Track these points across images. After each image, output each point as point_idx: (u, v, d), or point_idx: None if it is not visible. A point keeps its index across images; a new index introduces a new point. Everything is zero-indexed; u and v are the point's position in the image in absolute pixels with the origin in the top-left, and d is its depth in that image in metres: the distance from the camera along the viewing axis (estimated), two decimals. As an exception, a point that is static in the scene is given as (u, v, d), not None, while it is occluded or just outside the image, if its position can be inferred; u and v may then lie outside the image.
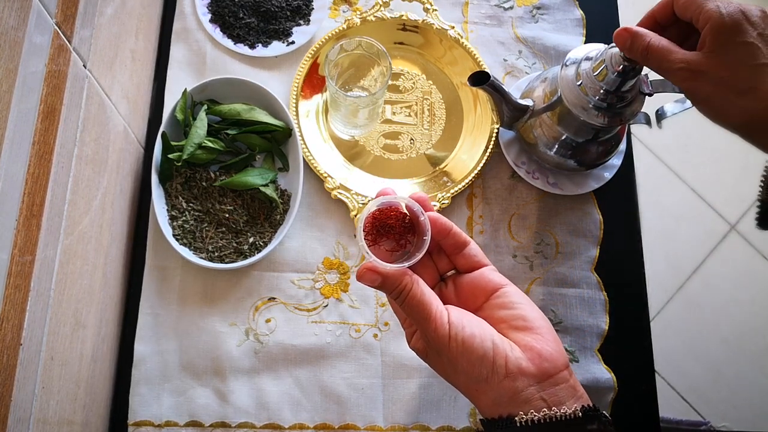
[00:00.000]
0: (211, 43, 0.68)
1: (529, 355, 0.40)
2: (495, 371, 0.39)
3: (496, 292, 0.44)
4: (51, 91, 0.43)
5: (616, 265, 0.66)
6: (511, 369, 0.39)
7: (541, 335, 0.41)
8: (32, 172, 0.40)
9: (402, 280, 0.41)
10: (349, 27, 0.70)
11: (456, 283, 0.46)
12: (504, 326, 0.42)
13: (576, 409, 0.39)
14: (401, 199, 0.43)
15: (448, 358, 0.41)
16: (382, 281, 0.41)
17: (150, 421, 0.57)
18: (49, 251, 0.43)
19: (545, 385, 0.40)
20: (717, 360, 1.42)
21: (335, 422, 0.58)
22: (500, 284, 0.44)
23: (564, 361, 0.41)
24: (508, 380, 0.39)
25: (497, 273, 0.46)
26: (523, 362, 0.40)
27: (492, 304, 0.44)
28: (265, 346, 0.59)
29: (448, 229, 0.44)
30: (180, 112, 0.61)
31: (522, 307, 0.43)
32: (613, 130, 0.60)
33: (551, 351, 0.41)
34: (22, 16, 0.39)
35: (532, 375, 0.39)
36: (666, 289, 1.48)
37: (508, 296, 0.44)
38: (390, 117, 0.69)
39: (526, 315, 0.42)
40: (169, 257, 0.61)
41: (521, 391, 0.39)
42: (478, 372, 0.40)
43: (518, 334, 0.42)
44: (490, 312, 0.43)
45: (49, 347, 0.43)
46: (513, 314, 0.43)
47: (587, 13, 0.75)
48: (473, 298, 0.45)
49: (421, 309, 0.41)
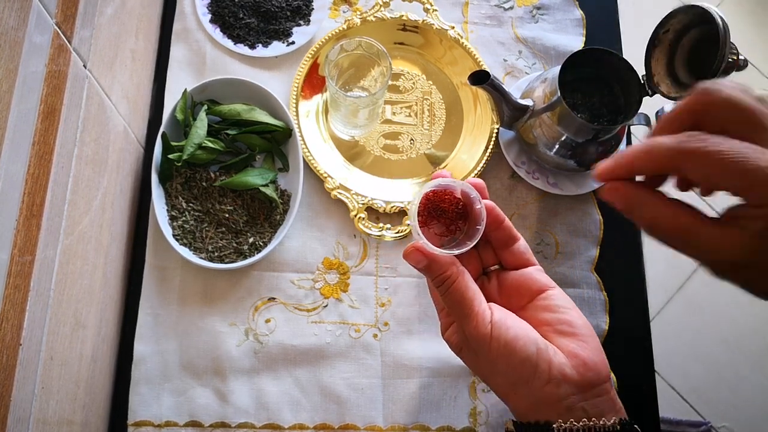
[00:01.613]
0: (211, 43, 0.68)
1: (573, 362, 0.39)
2: (537, 376, 0.38)
3: (542, 293, 0.43)
4: (51, 91, 0.43)
5: (616, 265, 0.66)
6: (554, 375, 0.38)
7: (585, 343, 0.40)
8: (32, 172, 0.40)
9: (448, 269, 0.40)
10: (349, 27, 0.70)
11: (500, 280, 0.44)
12: (548, 329, 0.41)
13: (615, 422, 0.38)
14: (458, 183, 0.42)
15: (487, 358, 0.39)
16: (428, 264, 0.40)
17: (150, 421, 0.56)
18: (49, 251, 0.43)
19: (587, 396, 0.38)
20: (717, 360, 1.42)
21: (335, 422, 0.58)
22: (547, 286, 0.43)
23: (607, 372, 0.40)
24: (550, 386, 0.38)
25: (544, 274, 0.44)
26: (567, 369, 0.38)
27: (537, 305, 0.42)
28: (265, 346, 0.59)
29: (502, 220, 0.43)
30: (180, 112, 0.61)
31: (568, 311, 0.42)
32: (613, 130, 0.60)
33: (596, 360, 0.39)
34: (22, 16, 0.39)
35: (574, 383, 0.38)
36: (666, 289, 1.48)
37: (554, 299, 0.42)
38: (390, 117, 0.69)
39: (572, 320, 0.41)
40: (169, 257, 0.61)
41: (563, 398, 0.38)
42: (519, 375, 0.38)
43: (563, 339, 0.40)
44: (533, 313, 0.42)
45: (48, 347, 0.43)
46: (558, 318, 0.41)
47: (587, 13, 0.75)
48: (517, 297, 0.43)
49: (464, 304, 0.40)
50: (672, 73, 0.59)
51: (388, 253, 0.64)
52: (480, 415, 0.59)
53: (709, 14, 0.53)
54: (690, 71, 0.58)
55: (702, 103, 0.33)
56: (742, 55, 0.55)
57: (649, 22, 0.60)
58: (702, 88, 0.33)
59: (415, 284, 0.63)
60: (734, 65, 0.55)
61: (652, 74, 0.60)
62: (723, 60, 0.52)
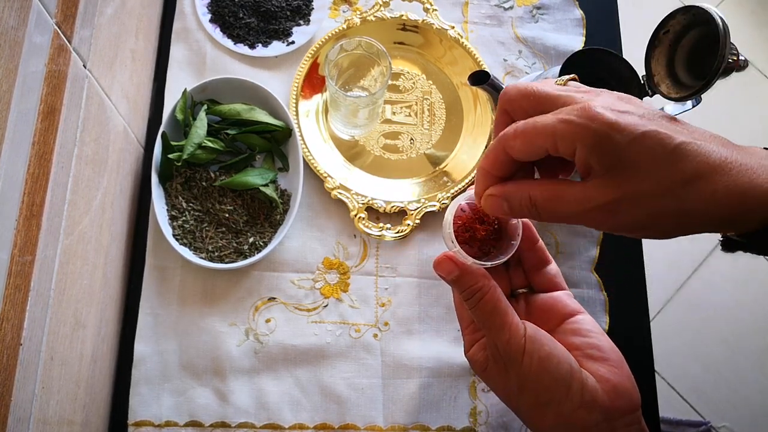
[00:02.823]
0: (211, 43, 0.68)
1: (604, 387, 0.38)
2: (569, 398, 0.37)
3: (571, 318, 0.42)
4: (51, 91, 0.43)
5: (616, 265, 0.66)
6: (586, 399, 0.37)
7: (616, 368, 0.39)
8: (32, 172, 0.40)
9: (480, 280, 0.39)
10: (349, 27, 0.70)
11: (528, 302, 0.44)
12: (578, 354, 0.40)
13: None
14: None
15: (517, 374, 0.38)
16: (459, 275, 0.39)
17: (150, 421, 0.57)
18: (49, 251, 0.43)
19: (617, 424, 0.37)
20: (717, 360, 1.42)
21: (335, 422, 0.58)
22: (576, 311, 0.42)
23: (638, 400, 0.39)
24: (581, 410, 0.37)
25: (574, 299, 0.43)
26: (599, 394, 0.37)
27: (565, 329, 0.42)
28: (265, 346, 0.59)
29: (536, 240, 0.43)
30: (180, 112, 0.61)
31: (597, 336, 0.41)
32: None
33: (627, 386, 0.39)
34: (22, 16, 0.39)
35: (605, 409, 0.37)
36: (666, 289, 1.48)
37: (583, 323, 0.42)
38: (390, 117, 0.69)
39: (601, 345, 0.40)
40: (169, 257, 0.61)
41: (594, 425, 0.37)
42: (550, 396, 0.37)
43: (593, 364, 0.39)
44: (562, 337, 0.41)
45: (49, 347, 0.43)
46: (588, 342, 0.40)
47: (587, 13, 0.75)
48: (545, 320, 0.42)
49: (496, 316, 0.38)
50: (672, 74, 0.59)
51: (389, 253, 0.64)
52: (480, 415, 0.59)
53: (709, 14, 0.53)
54: (690, 71, 0.58)
55: (505, 101, 0.37)
56: (742, 55, 0.55)
57: (649, 22, 0.60)
58: (502, 92, 0.37)
59: (415, 284, 0.63)
60: (734, 65, 0.55)
61: (652, 74, 0.60)
62: (723, 60, 0.52)
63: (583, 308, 0.43)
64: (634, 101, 0.34)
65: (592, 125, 0.31)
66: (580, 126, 0.31)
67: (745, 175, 0.30)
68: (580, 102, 0.32)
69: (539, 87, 0.35)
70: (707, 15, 0.53)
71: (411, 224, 0.63)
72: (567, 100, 0.33)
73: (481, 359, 0.41)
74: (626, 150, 0.30)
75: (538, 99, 0.35)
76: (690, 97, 0.56)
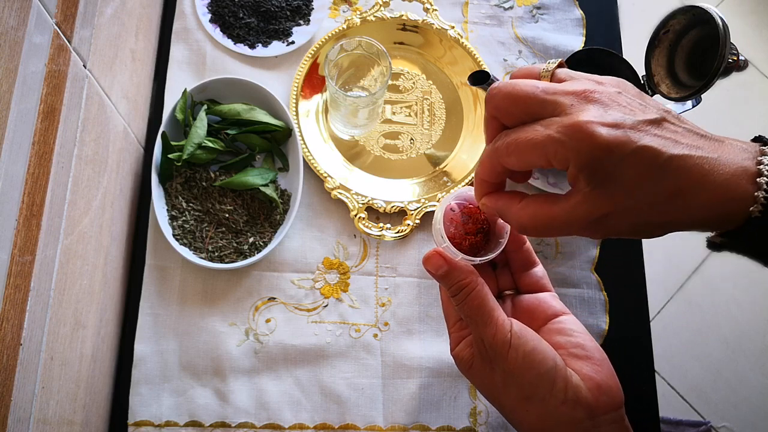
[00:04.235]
0: (211, 43, 0.68)
1: (588, 384, 0.39)
2: (553, 394, 0.38)
3: (555, 318, 0.43)
4: (51, 91, 0.43)
5: (616, 265, 0.66)
6: (570, 395, 0.38)
7: (599, 366, 0.40)
8: (32, 172, 0.40)
9: (467, 276, 0.40)
10: (349, 27, 0.70)
11: (514, 303, 0.45)
12: (562, 352, 0.41)
13: None
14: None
15: (503, 369, 0.39)
16: (448, 270, 0.40)
17: (150, 421, 0.57)
18: (49, 251, 0.43)
19: (601, 421, 0.38)
20: (717, 360, 1.42)
21: (335, 422, 0.58)
22: (561, 311, 0.43)
23: (621, 398, 0.40)
24: (565, 406, 0.38)
25: (559, 301, 0.44)
26: (582, 391, 0.38)
27: (550, 329, 0.43)
28: (265, 346, 0.59)
29: (523, 242, 0.44)
30: (180, 112, 0.62)
31: (581, 335, 0.42)
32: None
33: (610, 384, 0.39)
34: (22, 16, 0.39)
35: (588, 406, 0.38)
36: (666, 289, 1.48)
37: (567, 323, 0.43)
38: (390, 117, 0.69)
39: (585, 344, 0.41)
40: (169, 257, 0.61)
41: (578, 422, 0.38)
42: (534, 390, 0.38)
43: (577, 362, 0.40)
44: (547, 336, 0.42)
45: (49, 347, 0.43)
46: (571, 341, 0.41)
47: (587, 13, 0.75)
48: (530, 320, 0.43)
49: (483, 311, 0.39)
50: (672, 74, 0.59)
51: (389, 253, 0.64)
52: (480, 415, 0.59)
53: (710, 14, 0.53)
54: (690, 71, 0.58)
55: (492, 108, 0.36)
56: (742, 55, 0.55)
57: (649, 22, 0.60)
58: (487, 97, 0.36)
59: (415, 284, 0.63)
60: (734, 65, 0.55)
61: (652, 74, 0.60)
62: (723, 60, 0.52)
63: (567, 309, 0.44)
64: (629, 94, 0.34)
65: (583, 148, 0.31)
66: (572, 149, 0.31)
67: (725, 185, 0.32)
68: (569, 113, 0.32)
69: (524, 89, 0.34)
70: (707, 15, 0.53)
71: (411, 224, 0.63)
72: (555, 108, 0.33)
73: (466, 356, 0.42)
74: (616, 168, 0.31)
75: (526, 103, 0.34)
76: (690, 97, 0.56)
